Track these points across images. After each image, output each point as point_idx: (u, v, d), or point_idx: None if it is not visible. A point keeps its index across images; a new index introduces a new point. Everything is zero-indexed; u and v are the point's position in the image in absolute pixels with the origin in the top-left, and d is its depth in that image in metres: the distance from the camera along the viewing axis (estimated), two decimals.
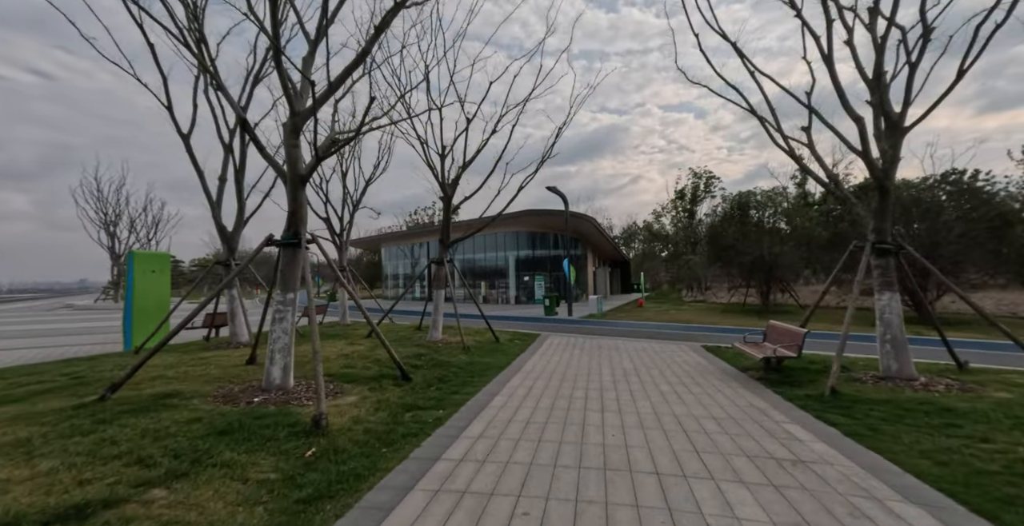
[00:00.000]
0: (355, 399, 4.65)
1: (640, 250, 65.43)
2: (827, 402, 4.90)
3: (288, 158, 4.41)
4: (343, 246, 13.52)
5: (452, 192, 9.36)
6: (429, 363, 6.90)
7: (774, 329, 7.35)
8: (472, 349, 8.73)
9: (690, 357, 8.45)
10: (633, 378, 6.57)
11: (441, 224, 9.81)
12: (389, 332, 10.89)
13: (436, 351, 8.05)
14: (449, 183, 9.45)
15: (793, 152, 6.48)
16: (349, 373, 5.70)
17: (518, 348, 9.58)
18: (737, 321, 17.34)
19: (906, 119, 5.31)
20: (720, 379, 6.43)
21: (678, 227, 53.56)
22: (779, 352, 6.26)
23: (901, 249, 5.66)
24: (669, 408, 4.93)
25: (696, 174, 47.15)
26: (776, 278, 19.09)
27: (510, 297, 30.12)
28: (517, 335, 12.06)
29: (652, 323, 16.52)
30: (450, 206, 9.46)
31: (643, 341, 11.00)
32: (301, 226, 4.56)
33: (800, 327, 6.86)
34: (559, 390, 5.79)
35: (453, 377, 6.21)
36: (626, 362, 7.93)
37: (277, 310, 4.62)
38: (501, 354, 8.63)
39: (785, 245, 18.47)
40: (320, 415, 3.54)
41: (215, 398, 4.27)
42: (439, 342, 9.31)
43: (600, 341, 10.97)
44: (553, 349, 9.58)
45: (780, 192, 20.47)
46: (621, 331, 14.07)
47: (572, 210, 27.72)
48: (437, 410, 4.70)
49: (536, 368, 7.32)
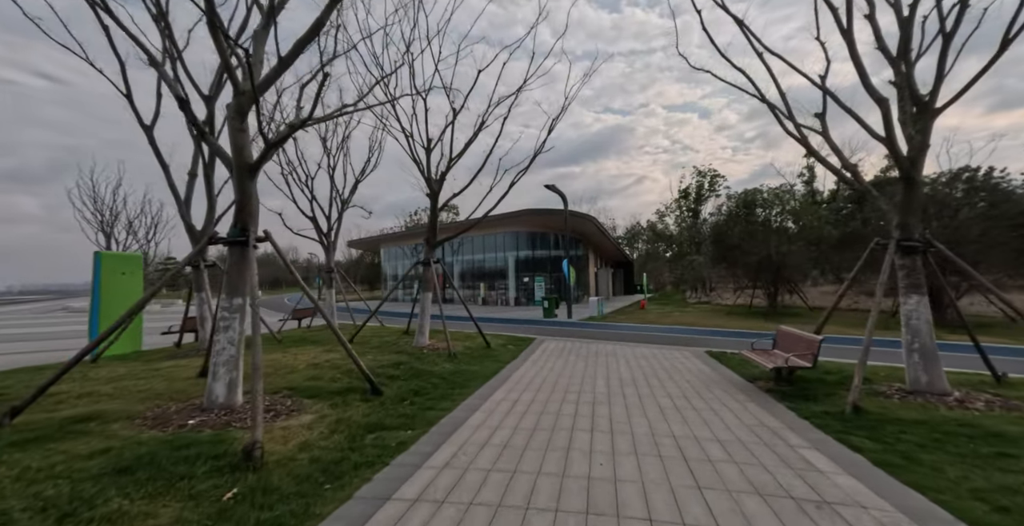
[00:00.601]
0: (311, 419, 4.11)
1: (643, 251, 64.73)
2: (849, 421, 4.32)
3: (233, 144, 3.89)
4: (331, 246, 13.01)
5: (439, 188, 8.82)
6: (408, 373, 6.36)
7: (785, 335, 6.76)
8: (459, 356, 8.19)
9: (693, 364, 7.87)
10: (630, 389, 6.00)
11: (438, 224, 9.26)
12: (374, 336, 10.37)
13: (419, 359, 7.51)
14: (436, 179, 8.92)
15: (806, 140, 5.90)
16: (313, 386, 5.17)
17: (510, 354, 9.03)
18: (743, 324, 16.71)
19: (937, 99, 4.73)
20: (726, 391, 5.85)
21: (682, 227, 52.83)
22: (792, 362, 5.67)
23: (930, 247, 5.07)
24: (668, 427, 4.36)
25: (700, 173, 46.48)
26: (783, 279, 18.44)
27: (509, 298, 29.57)
28: (511, 339, 11.51)
29: (654, 326, 15.92)
30: (437, 203, 8.93)
31: (643, 346, 10.42)
32: (250, 221, 4.04)
33: (814, 333, 6.28)
34: (547, 404, 5.23)
35: (431, 389, 5.66)
36: (624, 370, 7.36)
37: (222, 317, 4.10)
38: (490, 361, 8.08)
39: (793, 244, 17.81)
40: (254, 444, 3.01)
41: (143, 421, 3.74)
42: (425, 348, 8.78)
43: (598, 346, 10.40)
44: (547, 355, 9.01)
45: (787, 189, 19.87)
46: (621, 335, 13.49)
47: (574, 210, 27.18)
48: (405, 430, 4.16)
49: (525, 378, 6.76)
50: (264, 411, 3.94)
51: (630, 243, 66.03)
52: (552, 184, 19.67)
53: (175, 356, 7.73)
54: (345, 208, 13.58)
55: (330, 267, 13.06)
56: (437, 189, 8.76)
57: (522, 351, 9.60)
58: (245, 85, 3.85)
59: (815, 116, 6.09)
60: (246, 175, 3.92)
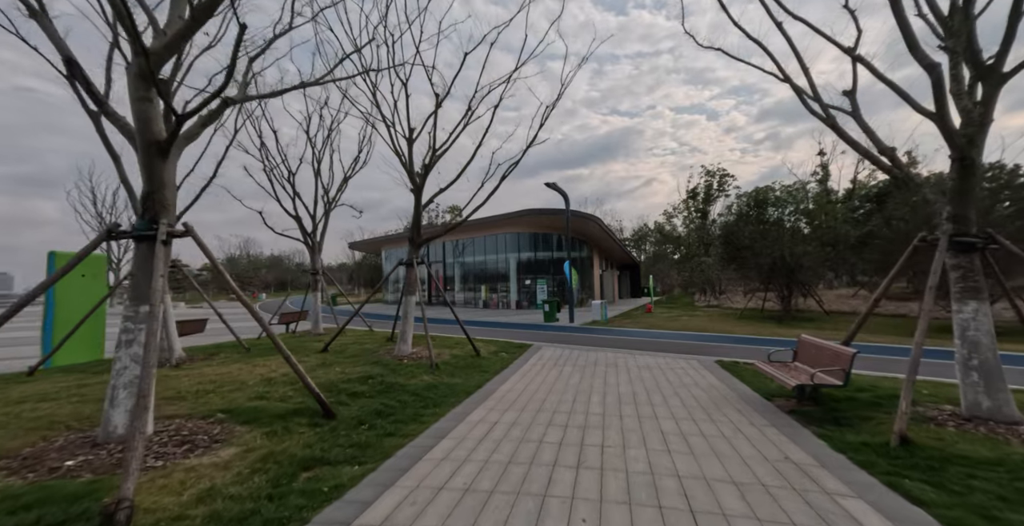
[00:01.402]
0: (233, 453, 3.39)
1: (651, 252, 63.63)
2: (898, 457, 3.50)
3: (136, 116, 3.21)
4: (315, 247, 12.36)
5: (422, 183, 8.12)
6: (376, 388, 5.63)
7: (807, 346, 5.93)
8: (442, 367, 7.45)
9: (702, 377, 7.06)
10: (629, 409, 5.22)
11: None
12: (355, 343, 9.66)
13: (395, 370, 6.78)
14: (419, 173, 8.22)
15: (834, 121, 5.10)
16: (255, 407, 4.46)
17: (499, 364, 8.27)
18: (755, 329, 15.78)
19: (1005, 63, 3.92)
20: (740, 411, 5.05)
21: (690, 229, 51.72)
22: (819, 379, 4.85)
23: (990, 243, 4.23)
24: (671, 463, 3.58)
25: (709, 172, 45.38)
26: (797, 281, 17.50)
27: (511, 302, 28.80)
28: (505, 346, 10.76)
29: (660, 332, 15.06)
30: (421, 199, 8.22)
31: (648, 355, 9.61)
32: (162, 212, 3.35)
33: (843, 344, 5.46)
34: (529, 428, 4.47)
35: (399, 409, 4.92)
36: (624, 385, 6.57)
37: (125, 330, 3.40)
38: (476, 373, 7.34)
39: (808, 245, 16.82)
40: (118, 504, 2.28)
41: (8, 462, 3.03)
42: (407, 357, 8.05)
43: (598, 354, 9.61)
44: (540, 365, 8.25)
45: (801, 187, 18.91)
46: (624, 341, 12.66)
47: (576, 210, 26.37)
48: (351, 466, 3.43)
49: (512, 393, 6.00)
50: (178, 444, 3.22)
51: (637, 245, 64.97)
52: (553, 182, 18.93)
53: None
54: (332, 207, 12.95)
55: (315, 269, 12.40)
56: (420, 184, 8.05)
57: (514, 360, 8.85)
58: (155, 45, 3.17)
59: (844, 94, 5.30)
60: (155, 155, 3.23)
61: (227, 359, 7.29)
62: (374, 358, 7.77)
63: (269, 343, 10.50)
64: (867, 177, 29.32)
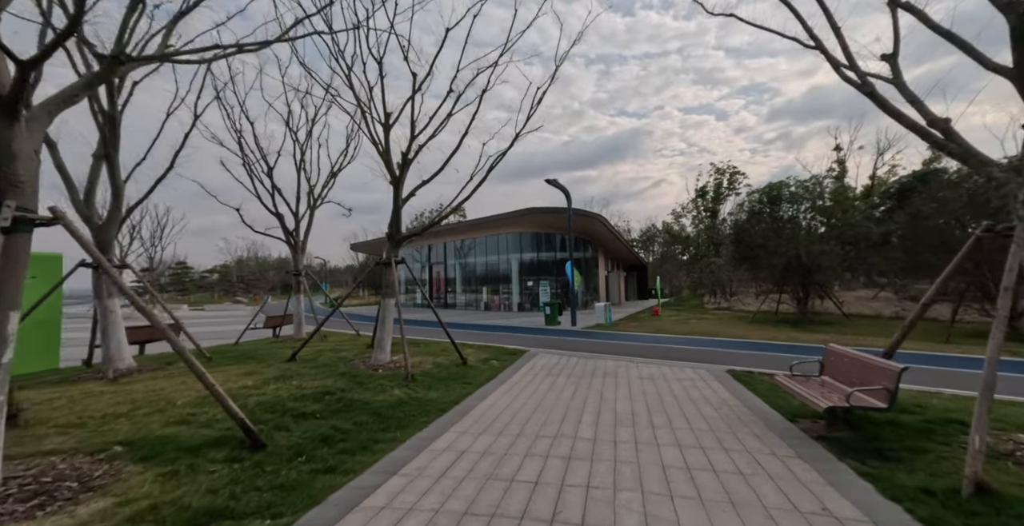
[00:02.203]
0: (99, 510, 2.64)
1: (659, 253, 62.53)
2: (975, 513, 2.67)
3: None
4: (298, 247, 11.70)
5: (401, 174, 7.39)
6: (331, 408, 4.88)
7: (837, 357, 5.08)
8: (419, 378, 6.70)
9: (712, 391, 6.23)
10: (626, 433, 4.42)
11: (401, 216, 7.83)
12: (329, 351, 8.94)
13: (363, 383, 6.04)
14: (399, 163, 7.50)
15: (872, 89, 4.27)
16: (167, 436, 3.74)
17: (487, 374, 7.51)
18: (770, 333, 14.84)
19: None
20: (758, 436, 4.23)
21: (699, 229, 50.62)
22: (857, 400, 4.01)
23: None
24: (673, 514, 2.79)
25: (719, 170, 44.31)
26: (815, 282, 16.49)
27: (512, 304, 28.03)
28: (498, 352, 9.99)
29: (668, 336, 14.18)
30: (400, 191, 7.50)
31: (653, 363, 8.78)
32: (8, 192, 2.64)
33: (885, 357, 4.61)
34: (502, 461, 3.70)
35: (352, 434, 4.17)
36: (622, 400, 5.77)
37: None
38: (457, 385, 6.58)
39: (826, 244, 15.84)
40: None
41: None
42: (383, 367, 7.32)
43: (597, 363, 8.81)
44: (532, 376, 7.46)
45: (818, 181, 17.88)
46: (628, 347, 11.83)
47: (580, 208, 25.55)
48: (263, 519, 2.68)
49: (492, 411, 5.23)
50: (28, 497, 2.49)
51: (645, 246, 63.92)
52: (554, 179, 18.14)
53: (71, 379, 6.39)
54: (318, 204, 12.30)
55: (297, 270, 11.74)
56: (399, 175, 7.32)
57: (504, 369, 8.07)
58: None
59: (882, 59, 4.47)
60: None
61: (178, 371, 6.60)
62: (346, 368, 7.04)
63: (248, 348, 9.89)
64: (887, 173, 28.22)
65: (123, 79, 6.51)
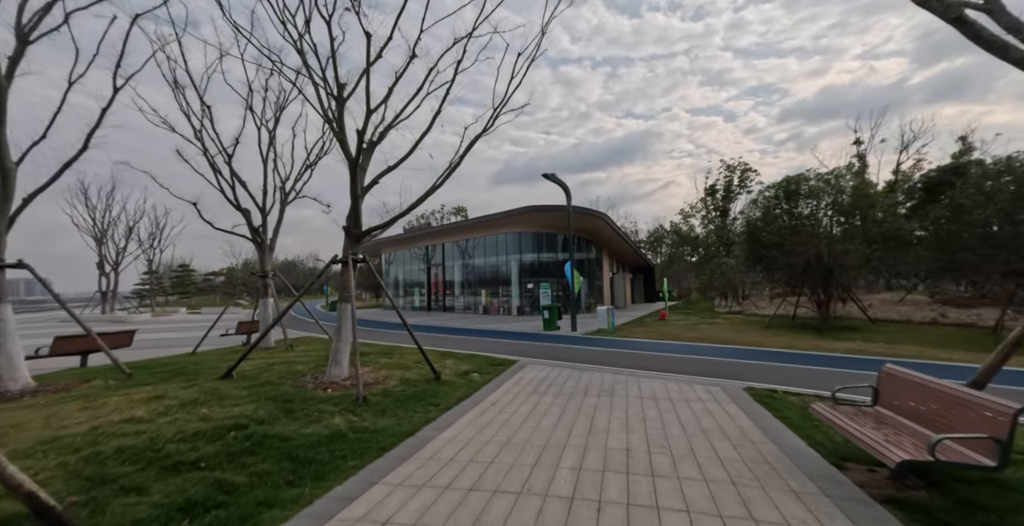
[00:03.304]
0: None
1: (667, 255, 61.01)
2: None
3: None
4: (265, 246, 10.72)
5: (361, 156, 6.35)
6: (234, 448, 3.80)
7: (899, 382, 3.92)
8: (375, 400, 5.63)
9: (730, 418, 5.08)
10: (614, 486, 3.31)
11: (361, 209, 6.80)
12: (285, 363, 7.90)
13: (293, 411, 4.96)
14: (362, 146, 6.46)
15: (960, 14, 3.14)
16: None
17: (461, 392, 6.43)
18: (789, 340, 13.59)
19: None
20: (796, 493, 3.10)
21: (709, 229, 49.11)
22: (945, 452, 2.86)
23: None
24: None
25: (730, 167, 42.80)
26: (837, 284, 15.17)
27: (512, 307, 26.91)
28: (484, 363, 8.93)
29: (676, 344, 12.99)
30: (359, 177, 6.45)
31: (657, 378, 7.64)
32: None
33: (976, 386, 3.46)
34: None
35: (239, 495, 3.08)
36: (616, 432, 4.65)
37: None
38: (421, 407, 5.51)
39: (850, 242, 14.48)
40: None
41: None
42: (336, 385, 6.25)
43: (593, 376, 7.69)
44: (514, 394, 6.37)
45: (841, 174, 16.51)
46: (630, 357, 10.69)
47: (582, 206, 24.43)
48: None
49: (448, 449, 4.14)
50: None
51: (653, 247, 62.46)
52: (552, 173, 17.05)
53: None
54: (290, 199, 11.32)
55: (264, 271, 10.74)
56: (356, 156, 6.27)
57: (484, 385, 6.99)
58: None
59: None
60: None
61: (80, 393, 5.55)
62: (288, 388, 5.97)
63: (178, 363, 8.58)
64: (911, 168, 26.67)
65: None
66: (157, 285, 50.95)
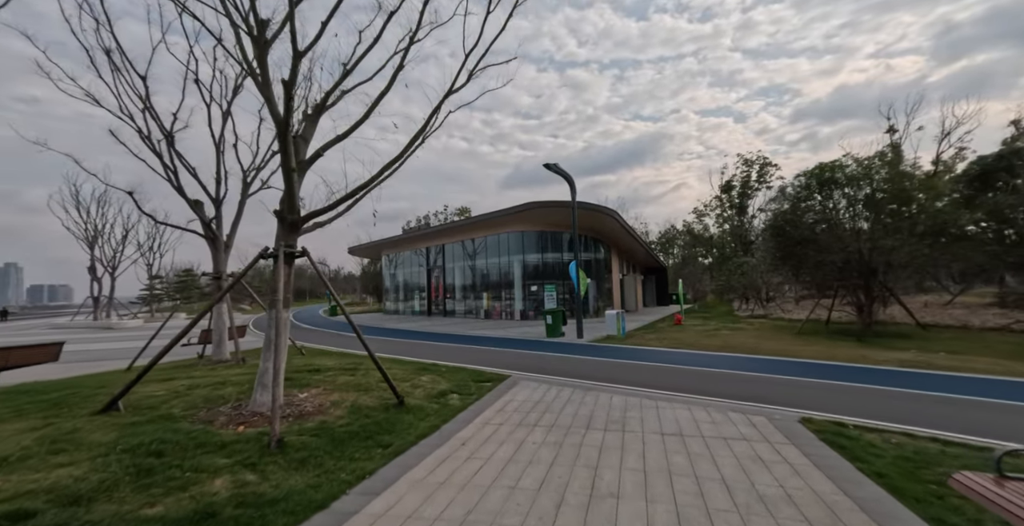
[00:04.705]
0: None
1: (679, 256, 59.06)
2: None
3: None
4: (220, 244, 9.39)
5: (291, 115, 4.95)
6: None
7: None
8: (298, 443, 4.20)
9: (793, 472, 3.56)
10: None
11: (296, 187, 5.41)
12: (214, 385, 6.51)
13: (156, 469, 3.53)
14: (301, 107, 5.06)
15: None
16: None
17: (425, 424, 5.00)
18: (828, 350, 11.92)
19: None
20: None
21: (724, 229, 47.19)
22: None
23: None
24: None
25: (747, 161, 40.92)
26: (881, 285, 13.42)
27: (515, 311, 25.43)
28: (468, 380, 7.50)
29: (696, 354, 11.43)
30: (290, 145, 5.05)
31: (680, 401, 6.14)
32: None
33: None
34: None
35: None
36: (630, 497, 3.17)
37: None
38: (360, 452, 4.09)
39: (899, 236, 12.68)
40: None
41: None
42: (262, 417, 4.83)
43: (600, 399, 6.21)
44: (493, 429, 4.91)
45: (887, 157, 14.72)
46: (644, 371, 9.19)
47: (589, 202, 22.93)
48: None
49: None
50: None
51: (664, 249, 60.59)
52: (555, 164, 15.59)
53: None
54: (251, 190, 9.99)
55: (218, 272, 9.41)
56: (286, 114, 4.86)
57: (460, 412, 5.56)
58: None
59: None
60: None
61: None
62: (186, 424, 4.54)
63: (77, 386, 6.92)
64: (953, 157, 24.72)
65: None
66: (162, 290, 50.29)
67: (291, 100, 4.66)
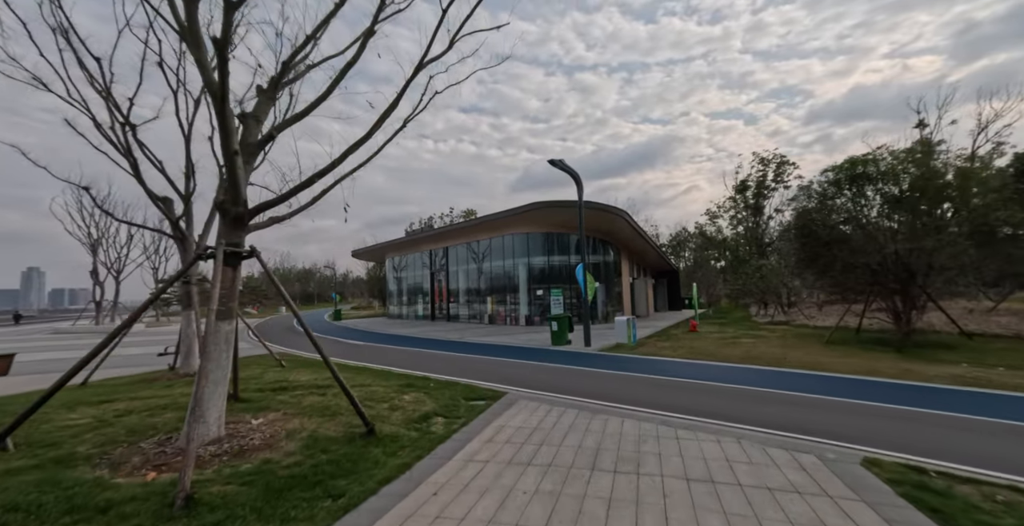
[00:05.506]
0: None
1: (691, 259, 57.57)
2: None
3: None
4: (191, 244, 8.60)
5: (226, 80, 4.11)
6: None
7: None
8: (218, 495, 3.32)
9: None
10: None
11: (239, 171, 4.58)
12: (166, 404, 5.65)
13: None
14: (218, 63, 4.21)
15: None
16: None
17: (394, 463, 4.09)
18: (867, 363, 10.79)
19: None
20: None
21: (739, 231, 45.76)
22: None
23: None
24: None
25: (763, 160, 39.54)
26: (921, 290, 12.20)
27: (520, 317, 24.45)
28: (458, 398, 6.60)
29: (716, 365, 10.38)
30: (229, 118, 4.20)
31: (705, 431, 5.15)
32: None
33: None
34: None
35: None
36: None
37: None
38: (299, 510, 3.20)
39: (943, 235, 11.48)
40: None
41: None
42: (181, 455, 3.93)
43: (608, 425, 5.25)
44: (475, 470, 3.97)
45: (926, 148, 13.56)
46: (660, 389, 8.20)
47: (599, 201, 21.93)
48: None
49: None
50: None
51: (676, 251, 59.18)
52: (560, 160, 14.65)
53: None
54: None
55: (187, 276, 8.60)
56: (222, 80, 4.01)
57: (439, 444, 4.64)
58: None
59: None
60: None
61: None
62: (81, 471, 3.67)
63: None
64: (990, 152, 23.26)
65: None
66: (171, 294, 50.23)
67: (225, 63, 3.80)
